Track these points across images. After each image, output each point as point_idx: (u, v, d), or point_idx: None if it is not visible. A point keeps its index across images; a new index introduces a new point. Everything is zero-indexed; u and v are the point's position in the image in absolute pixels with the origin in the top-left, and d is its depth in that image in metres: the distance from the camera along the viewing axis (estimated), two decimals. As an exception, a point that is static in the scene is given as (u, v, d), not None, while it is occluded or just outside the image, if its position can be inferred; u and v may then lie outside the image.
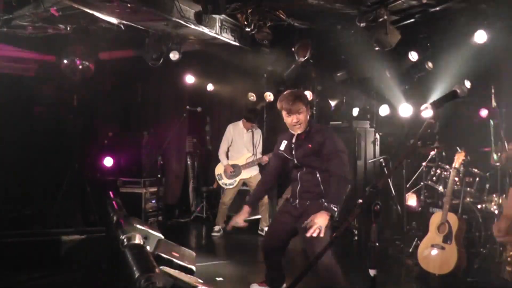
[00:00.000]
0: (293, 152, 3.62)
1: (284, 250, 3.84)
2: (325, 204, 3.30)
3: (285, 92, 3.65)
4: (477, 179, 5.03)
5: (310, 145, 3.54)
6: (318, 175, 3.53)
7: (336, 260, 3.45)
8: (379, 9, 5.00)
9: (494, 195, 4.83)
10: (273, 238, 3.80)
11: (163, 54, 6.22)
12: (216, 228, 6.60)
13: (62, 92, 6.99)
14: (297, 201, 3.63)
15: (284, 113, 3.58)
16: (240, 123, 6.70)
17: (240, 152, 6.64)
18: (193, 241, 6.69)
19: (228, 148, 6.71)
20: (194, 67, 7.49)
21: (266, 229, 6.26)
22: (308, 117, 3.60)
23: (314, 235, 3.16)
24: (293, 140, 3.65)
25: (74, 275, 4.48)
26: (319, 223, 3.19)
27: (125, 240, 2.40)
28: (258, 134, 6.75)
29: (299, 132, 3.58)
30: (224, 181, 6.64)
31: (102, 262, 3.90)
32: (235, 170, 6.59)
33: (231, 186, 6.60)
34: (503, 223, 2.52)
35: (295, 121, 3.53)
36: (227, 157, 6.71)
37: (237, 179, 6.58)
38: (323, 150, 3.48)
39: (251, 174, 6.59)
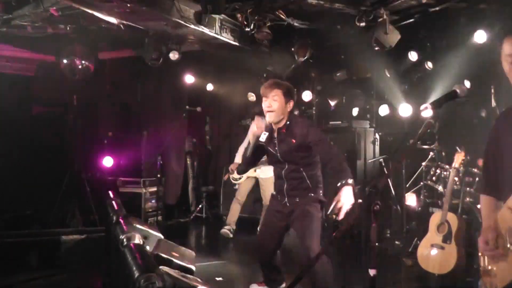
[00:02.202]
0: (276, 148, 3.53)
1: (278, 250, 3.79)
2: (342, 181, 3.17)
3: (268, 79, 3.63)
4: (477, 179, 5.03)
5: (293, 140, 3.44)
6: (302, 170, 3.48)
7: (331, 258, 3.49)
8: (379, 9, 5.00)
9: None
10: (266, 239, 3.73)
11: (163, 54, 6.22)
12: (227, 226, 6.35)
13: (62, 92, 6.99)
14: (286, 199, 3.57)
15: (262, 99, 3.50)
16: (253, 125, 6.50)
17: None
18: (193, 241, 6.69)
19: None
20: (194, 67, 7.49)
21: None
22: (286, 108, 3.48)
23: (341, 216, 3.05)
24: (275, 135, 3.55)
25: (74, 275, 4.48)
26: (346, 202, 3.06)
27: (125, 240, 2.40)
28: None
29: (271, 120, 3.46)
30: (234, 176, 6.53)
31: (102, 262, 3.90)
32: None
33: (237, 181, 6.49)
34: (490, 234, 2.13)
35: (267, 106, 3.43)
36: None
37: (244, 175, 6.40)
38: (308, 139, 3.40)
39: (267, 175, 6.17)
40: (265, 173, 6.28)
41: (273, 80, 3.59)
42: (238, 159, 6.48)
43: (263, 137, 3.61)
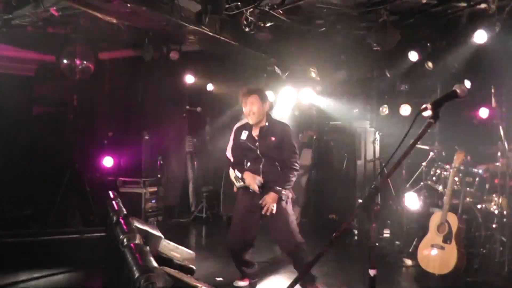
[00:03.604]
0: (257, 144, 3.96)
1: (253, 241, 4.16)
2: (274, 187, 3.84)
3: (243, 88, 4.14)
4: (477, 179, 5.03)
5: (273, 138, 3.93)
6: (278, 165, 3.93)
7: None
8: (379, 9, 5.00)
9: (494, 195, 4.82)
10: (245, 236, 4.07)
11: (163, 54, 6.22)
12: None
13: (62, 92, 6.99)
14: (260, 190, 3.94)
15: (243, 105, 4.02)
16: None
17: None
18: (193, 241, 6.69)
19: None
20: (194, 67, 7.49)
21: None
22: (263, 110, 3.99)
23: (268, 214, 3.86)
24: (256, 133, 4.00)
25: (74, 275, 4.49)
26: (268, 202, 3.82)
27: (125, 240, 2.40)
28: None
29: (252, 122, 3.98)
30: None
31: (102, 262, 3.90)
32: None
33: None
34: None
35: (248, 110, 3.95)
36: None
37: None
38: (283, 143, 3.93)
39: None
40: None
41: (248, 88, 4.11)
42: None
43: (244, 136, 4.07)
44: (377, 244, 2.18)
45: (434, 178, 5.35)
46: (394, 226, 6.13)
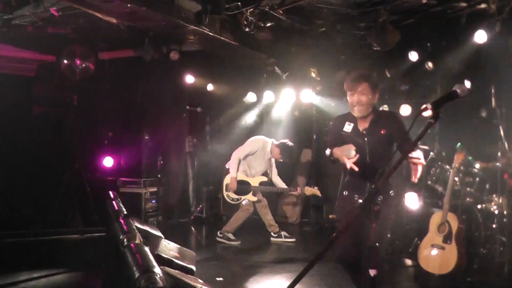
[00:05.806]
0: (365, 139, 3.26)
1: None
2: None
3: (351, 72, 3.40)
4: (477, 179, 5.03)
5: (383, 131, 3.26)
6: (385, 167, 3.20)
7: None
8: (379, 9, 5.00)
9: (494, 195, 4.82)
10: (354, 249, 3.16)
11: (163, 54, 6.22)
12: (232, 236, 6.08)
13: (62, 92, 6.99)
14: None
15: (348, 93, 3.30)
16: (269, 145, 6.04)
17: (256, 169, 6.10)
18: (193, 241, 6.69)
19: (241, 160, 6.03)
20: (194, 67, 7.50)
21: (283, 233, 6.17)
22: (373, 101, 3.31)
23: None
24: (364, 126, 3.31)
25: (74, 275, 4.49)
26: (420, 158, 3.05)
27: (125, 240, 2.40)
28: (273, 164, 6.22)
29: (358, 115, 3.27)
30: (229, 194, 6.03)
31: (102, 262, 3.90)
32: (243, 187, 6.01)
33: (232, 202, 6.07)
34: None
35: (356, 101, 3.24)
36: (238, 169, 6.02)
37: (242, 197, 6.02)
38: (396, 133, 3.26)
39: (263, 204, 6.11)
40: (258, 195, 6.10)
41: (356, 72, 3.38)
42: (234, 172, 5.94)
43: (348, 128, 3.35)
44: (377, 244, 2.18)
45: (434, 178, 5.35)
46: (394, 226, 6.13)
